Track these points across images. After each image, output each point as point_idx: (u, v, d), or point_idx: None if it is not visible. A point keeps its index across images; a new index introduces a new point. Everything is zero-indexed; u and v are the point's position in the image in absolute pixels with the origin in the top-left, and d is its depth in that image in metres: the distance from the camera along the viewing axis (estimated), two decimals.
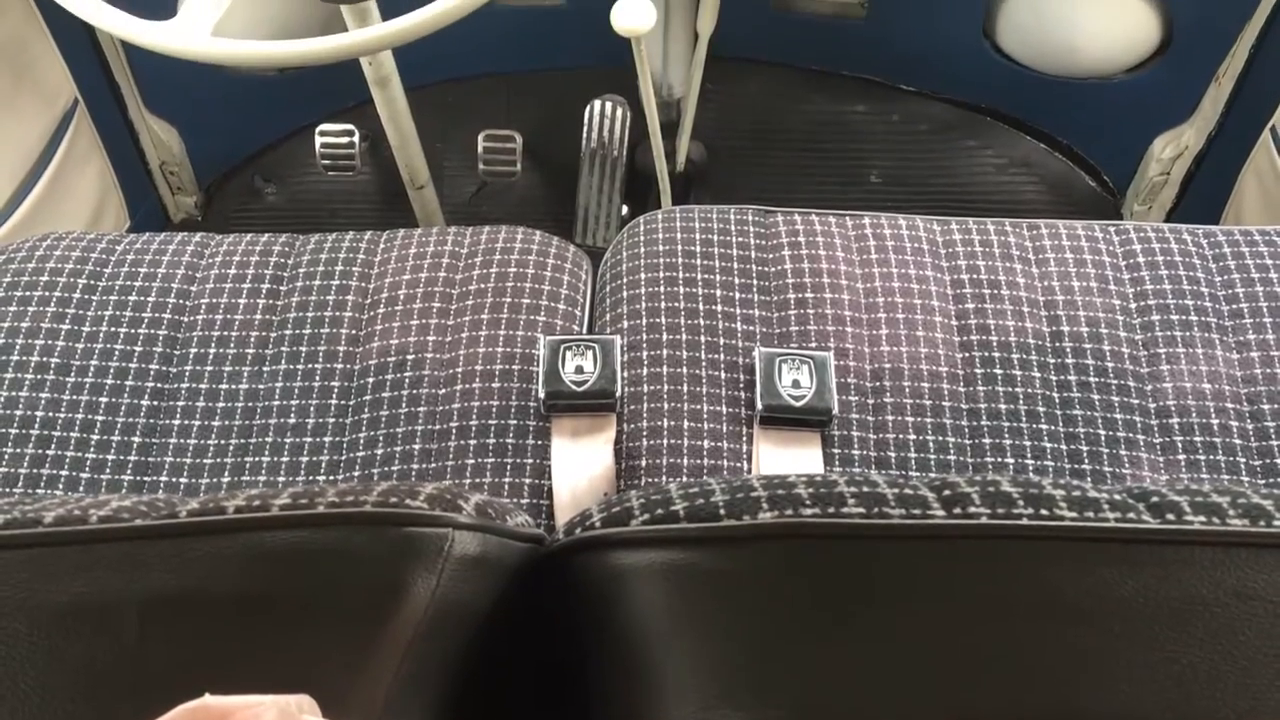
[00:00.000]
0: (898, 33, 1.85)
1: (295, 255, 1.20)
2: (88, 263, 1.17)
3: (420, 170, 1.61)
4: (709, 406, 1.05)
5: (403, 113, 1.50)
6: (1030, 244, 1.18)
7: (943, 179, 1.96)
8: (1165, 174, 1.87)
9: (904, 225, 1.19)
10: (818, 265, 1.14)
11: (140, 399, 1.08)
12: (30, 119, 1.57)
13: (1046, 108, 1.92)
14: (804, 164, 1.98)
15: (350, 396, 1.09)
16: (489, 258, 1.17)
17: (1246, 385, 1.06)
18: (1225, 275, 1.14)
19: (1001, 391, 1.06)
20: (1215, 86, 1.75)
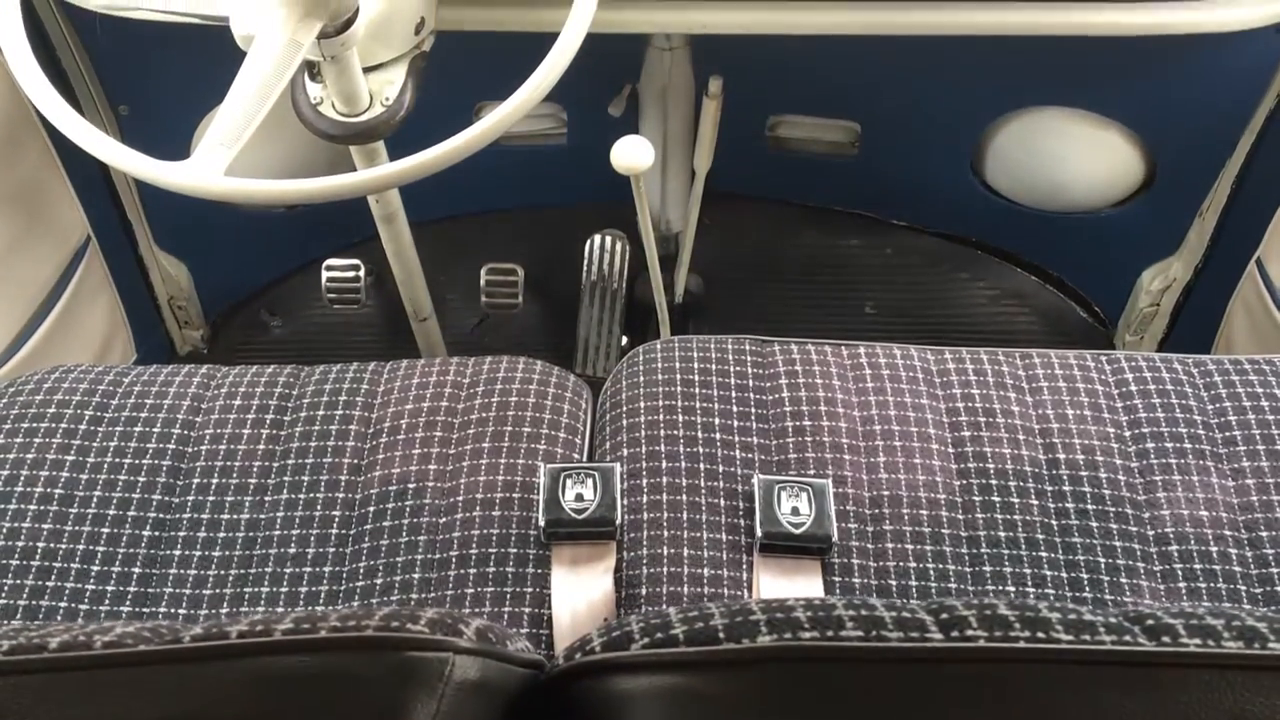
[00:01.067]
0: (889, 169, 1.90)
1: (299, 386, 1.21)
2: (94, 394, 1.19)
3: (424, 303, 1.65)
4: (709, 534, 1.05)
5: (408, 247, 1.54)
6: (1024, 373, 1.19)
7: (936, 310, 2.00)
8: (1155, 305, 1.90)
9: (899, 355, 1.21)
10: (815, 394, 1.16)
11: (142, 529, 1.09)
12: (43, 256, 1.61)
13: (1036, 241, 1.96)
14: (800, 295, 2.02)
15: (351, 526, 1.09)
16: (490, 387, 1.19)
17: (1244, 512, 1.07)
18: (1217, 404, 1.16)
19: (1000, 519, 1.06)
20: (1200, 221, 1.79)
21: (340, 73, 1.18)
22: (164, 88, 1.63)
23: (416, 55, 1.30)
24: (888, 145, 1.86)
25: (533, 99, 1.04)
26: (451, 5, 1.38)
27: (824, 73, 1.72)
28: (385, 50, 1.26)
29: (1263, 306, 1.63)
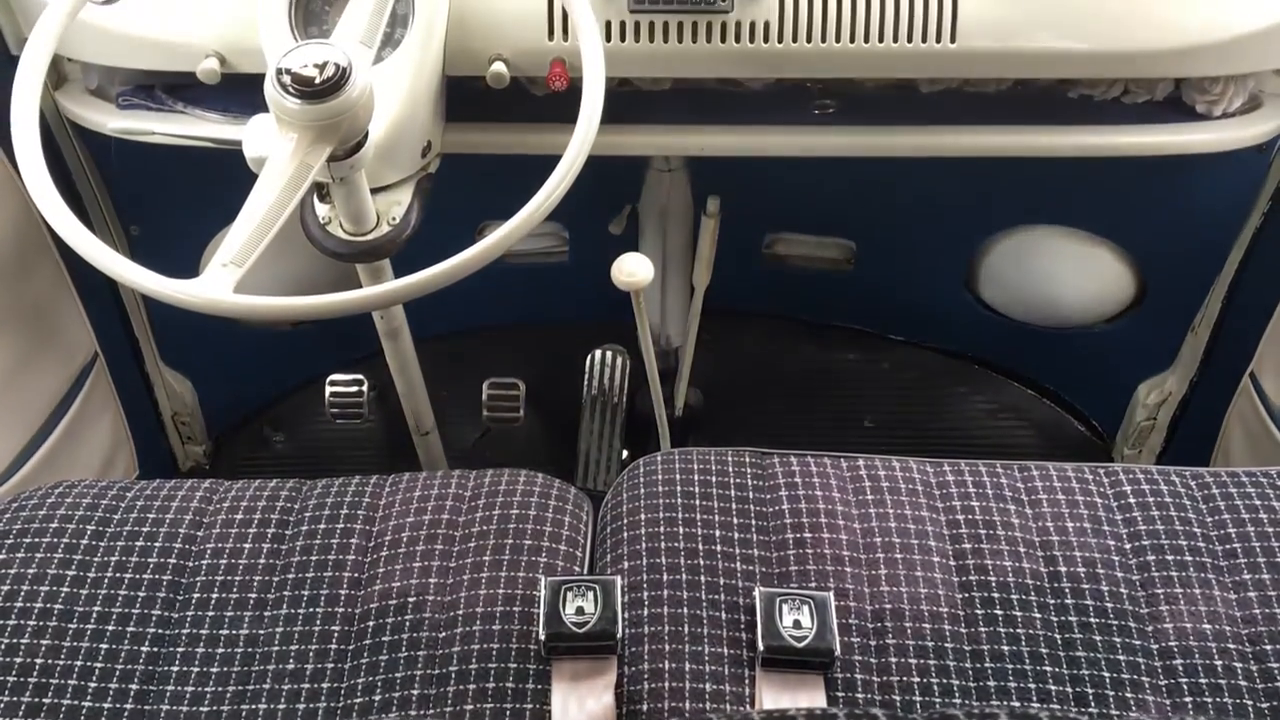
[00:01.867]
0: (885, 286, 1.94)
1: (300, 500, 1.22)
2: (96, 509, 1.19)
3: (426, 417, 1.66)
4: (711, 648, 1.05)
5: (411, 362, 1.55)
6: (1023, 485, 1.20)
7: (935, 423, 2.01)
8: (1152, 419, 1.92)
9: (898, 467, 1.22)
10: (815, 506, 1.16)
11: (140, 645, 1.08)
12: (49, 373, 1.63)
13: (1031, 356, 1.99)
14: (799, 409, 2.03)
15: (350, 641, 1.08)
16: (491, 500, 1.19)
17: (1247, 626, 1.06)
18: (1216, 516, 1.16)
19: (1003, 633, 1.06)
20: (1193, 335, 1.82)
21: (348, 194, 1.21)
22: (174, 209, 1.67)
23: (423, 177, 1.34)
24: (883, 262, 1.90)
25: (534, 219, 1.07)
26: (457, 129, 1.42)
27: (819, 192, 1.77)
28: (392, 172, 1.30)
29: (1258, 419, 1.64)
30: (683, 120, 1.50)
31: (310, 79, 1.04)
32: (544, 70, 1.38)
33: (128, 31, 1.39)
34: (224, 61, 1.38)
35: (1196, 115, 1.50)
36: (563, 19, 1.35)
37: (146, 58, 1.42)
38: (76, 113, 1.51)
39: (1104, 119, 1.50)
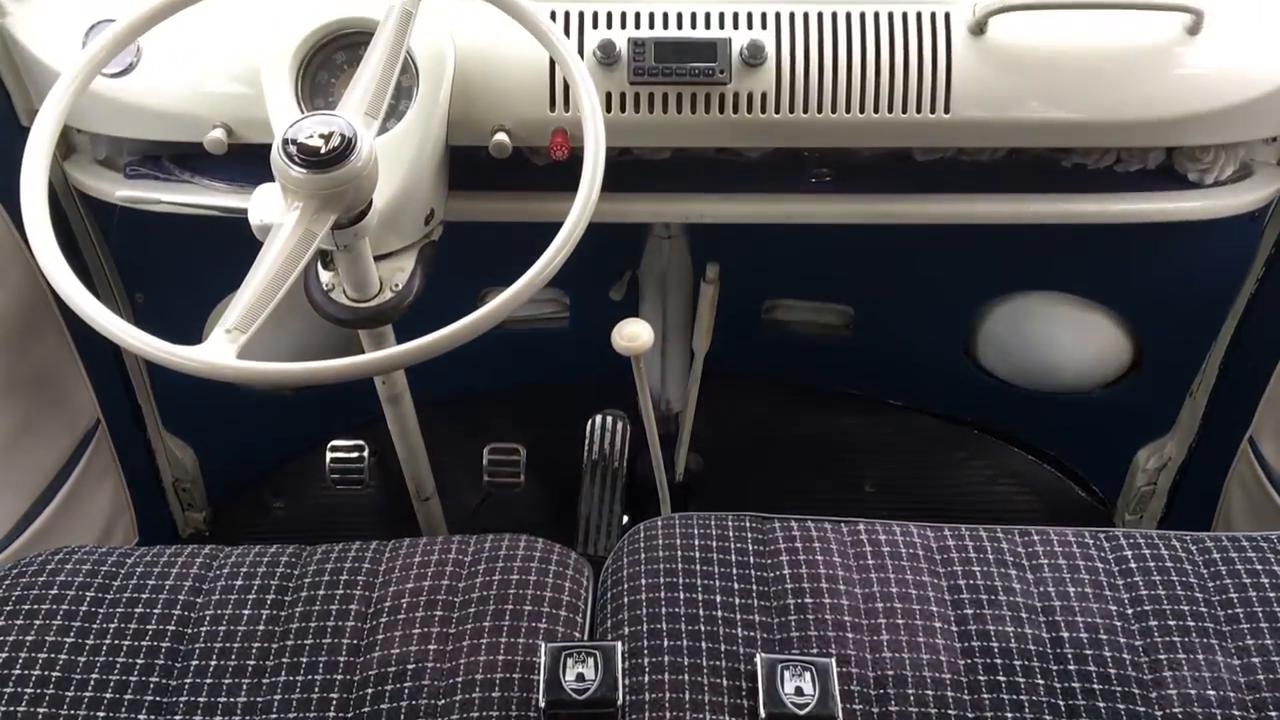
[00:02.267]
0: (883, 351, 1.95)
1: (300, 566, 1.22)
2: (96, 576, 1.19)
3: (426, 482, 1.66)
4: (712, 715, 1.04)
5: (412, 427, 1.56)
6: (1024, 550, 1.20)
7: (935, 488, 2.01)
8: (1152, 484, 1.92)
9: (899, 532, 1.22)
10: (816, 571, 1.16)
11: (138, 713, 1.07)
12: (52, 440, 1.63)
13: (1030, 421, 1.99)
14: (799, 473, 2.03)
15: (349, 709, 1.08)
16: (491, 565, 1.19)
17: (1251, 691, 1.06)
18: (1218, 581, 1.16)
19: (1007, 699, 1.05)
20: (1191, 400, 1.83)
21: (352, 261, 1.23)
22: (178, 276, 1.69)
23: (426, 244, 1.36)
24: (882, 328, 1.91)
25: (535, 285, 1.09)
26: (460, 197, 1.44)
27: (817, 258, 1.79)
28: (396, 239, 1.32)
29: (1258, 484, 1.64)
30: (682, 188, 1.52)
31: (316, 149, 1.06)
32: (546, 140, 1.40)
33: (137, 103, 1.42)
34: (231, 132, 1.40)
35: (1189, 183, 1.52)
36: (564, 90, 1.38)
37: (155, 128, 1.45)
38: (84, 182, 1.53)
39: (1098, 187, 1.52)
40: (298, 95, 1.34)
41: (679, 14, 1.40)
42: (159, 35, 1.25)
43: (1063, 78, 1.40)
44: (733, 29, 1.40)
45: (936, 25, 1.39)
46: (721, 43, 1.38)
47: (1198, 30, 1.40)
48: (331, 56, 1.37)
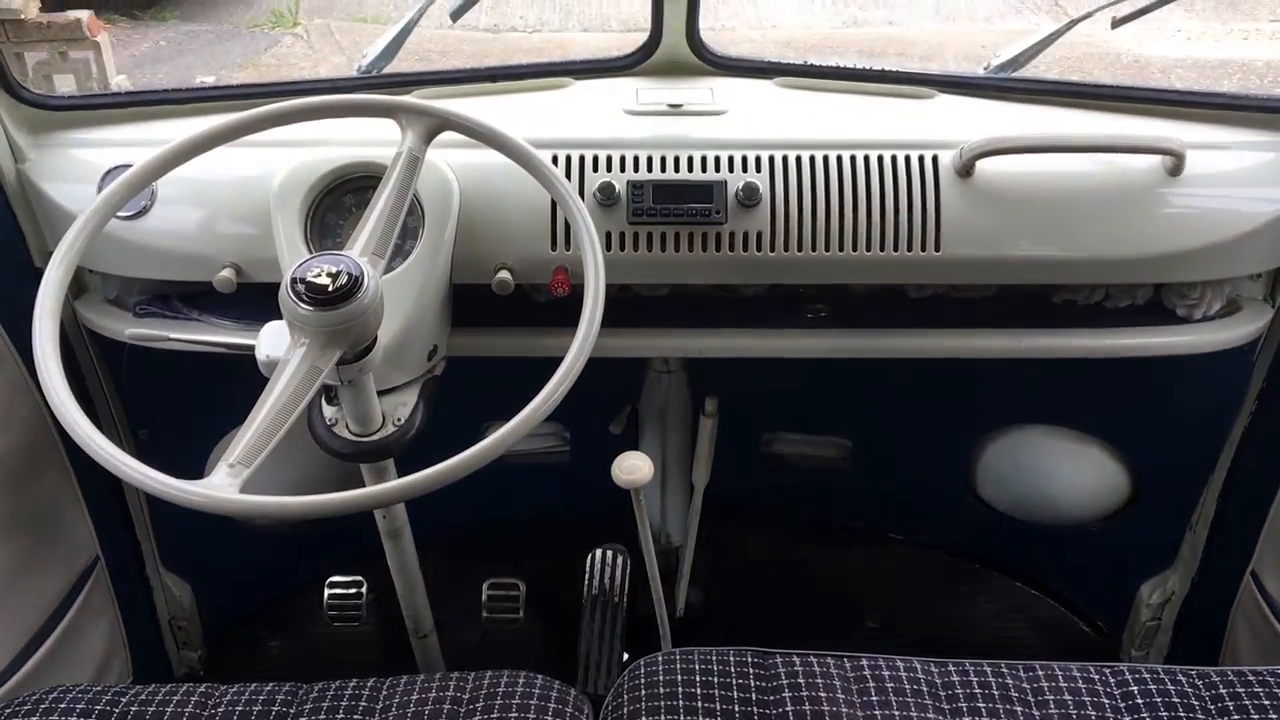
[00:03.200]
0: (883, 485, 1.95)
1: (297, 705, 1.20)
2: (90, 715, 1.18)
3: (424, 619, 1.64)
4: None
5: (411, 563, 1.55)
6: (1029, 686, 1.19)
7: (938, 623, 1.99)
8: (1157, 620, 1.90)
9: (903, 668, 1.21)
10: (819, 708, 1.15)
11: None
12: (50, 576, 1.62)
13: (1032, 554, 1.98)
14: (801, 607, 2.01)
15: None
16: (490, 703, 1.18)
17: None
18: (1226, 716, 1.14)
19: None
20: (1191, 534, 1.82)
21: (356, 395, 1.24)
22: (182, 413, 1.71)
23: (429, 379, 1.38)
24: (880, 461, 1.92)
25: (535, 420, 1.10)
26: (462, 333, 1.47)
27: (814, 392, 1.81)
28: (399, 374, 1.34)
29: (1263, 618, 1.63)
30: (680, 324, 1.55)
31: (323, 287, 1.09)
32: (547, 277, 1.44)
33: (149, 244, 1.46)
34: (240, 272, 1.44)
35: (1177, 319, 1.55)
36: (565, 230, 1.42)
37: (166, 269, 1.49)
38: (94, 321, 1.56)
39: (1088, 322, 1.55)
40: (307, 236, 1.38)
41: (675, 158, 1.45)
42: (172, 177, 1.29)
43: (1049, 216, 1.45)
44: (728, 172, 1.45)
45: (925, 167, 1.44)
46: (717, 185, 1.43)
47: (1179, 171, 1.45)
48: (341, 199, 1.41)
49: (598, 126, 1.51)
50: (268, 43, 5.28)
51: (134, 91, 2.23)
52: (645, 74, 1.62)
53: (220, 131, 1.25)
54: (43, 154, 1.51)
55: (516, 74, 1.63)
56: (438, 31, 4.92)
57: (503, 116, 1.31)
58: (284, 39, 5.31)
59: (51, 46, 4.04)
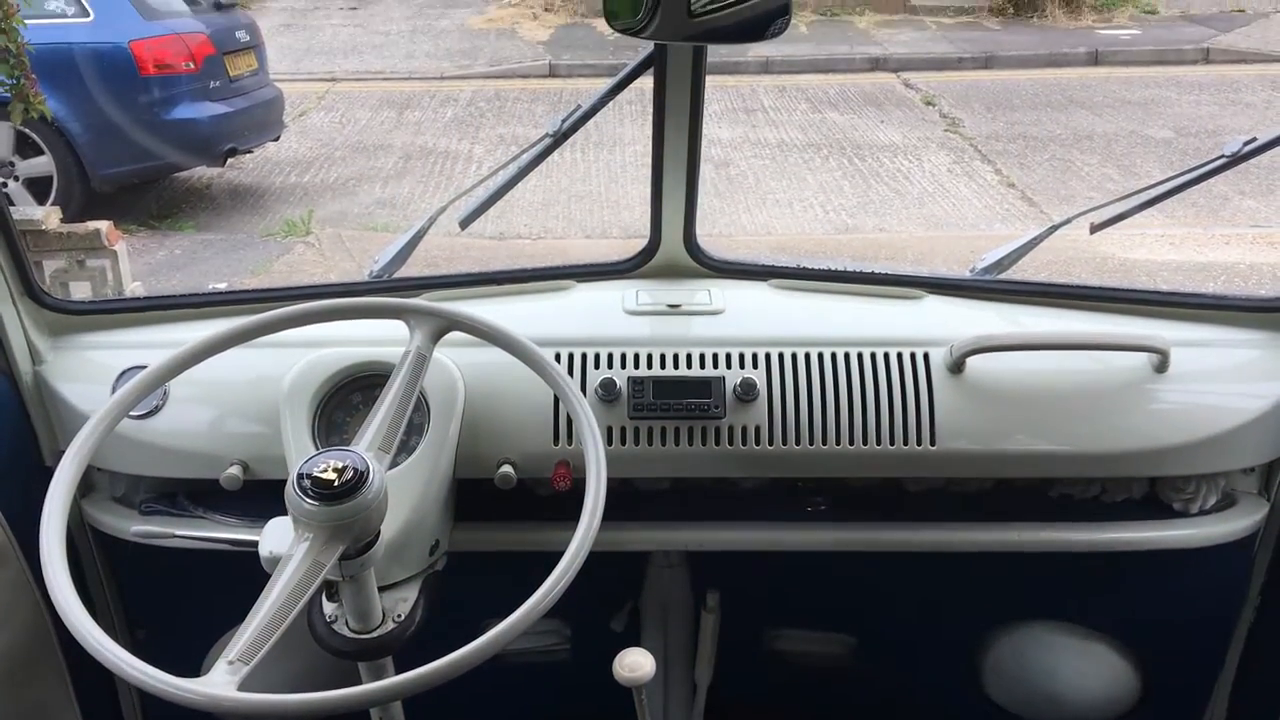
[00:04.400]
0: (887, 680, 1.91)
1: None
2: None
3: None
4: None
5: None
6: None
7: None
8: None
9: None
10: None
11: None
12: None
13: None
14: None
15: None
16: None
17: None
18: None
19: None
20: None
21: (357, 591, 1.24)
22: (182, 611, 1.69)
23: (430, 574, 1.38)
24: (885, 658, 1.89)
25: (533, 616, 1.09)
26: (464, 528, 1.48)
27: (816, 586, 1.80)
28: (400, 570, 1.34)
29: None
30: (681, 517, 1.56)
31: (329, 482, 1.11)
32: (549, 472, 1.46)
33: (159, 443, 1.49)
34: (247, 469, 1.46)
35: (1174, 512, 1.56)
36: (567, 425, 1.45)
37: (174, 467, 1.51)
38: (100, 519, 1.57)
39: (1086, 517, 1.56)
40: (314, 433, 1.41)
41: (675, 355, 1.50)
42: (185, 377, 1.32)
43: (1040, 412, 1.48)
44: (726, 368, 1.49)
45: (916, 364, 1.48)
46: (715, 380, 1.47)
47: (1164, 368, 1.49)
48: (349, 397, 1.45)
49: (599, 325, 1.56)
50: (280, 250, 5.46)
51: (150, 296, 2.31)
52: (645, 276, 1.68)
53: (234, 334, 1.30)
54: (60, 356, 1.56)
55: (521, 277, 1.69)
56: (446, 239, 5.10)
57: (508, 317, 1.35)
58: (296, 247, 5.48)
59: (70, 255, 4.17)
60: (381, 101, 8.46)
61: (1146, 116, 7.77)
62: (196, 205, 6.33)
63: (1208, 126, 7.42)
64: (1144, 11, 10.61)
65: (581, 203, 6.22)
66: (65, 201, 5.43)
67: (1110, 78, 8.90)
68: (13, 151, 5.54)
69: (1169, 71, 9.02)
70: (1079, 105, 8.11)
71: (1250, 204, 6.01)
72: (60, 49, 5.28)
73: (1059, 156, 6.92)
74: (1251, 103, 8.10)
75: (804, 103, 8.35)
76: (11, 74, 3.81)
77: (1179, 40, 9.64)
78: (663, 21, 1.25)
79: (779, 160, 6.98)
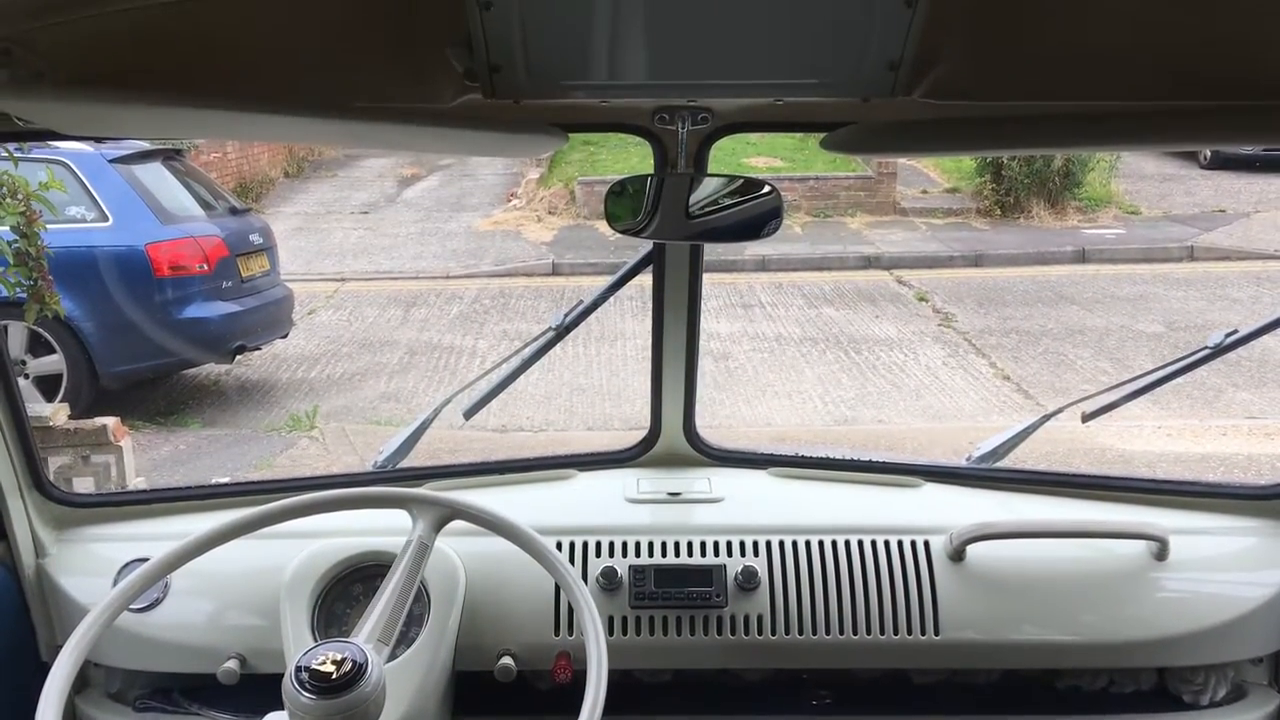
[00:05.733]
0: None
1: None
2: None
3: None
4: None
5: None
6: None
7: None
8: None
9: None
10: None
11: None
12: None
13: None
14: None
15: None
16: None
17: None
18: None
19: None
20: None
21: None
22: None
23: None
24: None
25: None
26: None
27: None
28: None
29: None
30: (684, 710, 1.53)
31: (327, 675, 1.10)
32: (549, 664, 1.44)
33: (158, 637, 1.48)
34: (244, 663, 1.44)
35: (1184, 704, 1.53)
36: (568, 615, 1.44)
37: (172, 661, 1.49)
38: (93, 716, 1.54)
39: (1095, 708, 1.53)
40: (313, 625, 1.40)
41: (675, 543, 1.50)
42: (186, 570, 1.32)
43: (1042, 600, 1.47)
44: (726, 556, 1.49)
45: (917, 552, 1.49)
46: (717, 569, 1.47)
47: (1164, 556, 1.49)
48: (350, 587, 1.45)
49: (600, 514, 1.57)
50: (283, 445, 5.50)
51: (154, 489, 2.33)
52: (646, 465, 1.70)
53: (237, 525, 1.30)
54: (63, 549, 1.56)
55: (523, 466, 1.72)
56: (448, 432, 5.15)
57: (510, 505, 1.37)
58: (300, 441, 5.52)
59: (75, 451, 4.20)
60: (389, 300, 8.67)
61: (1136, 311, 7.94)
62: (203, 401, 6.41)
63: (1197, 321, 7.57)
64: (1127, 211, 10.97)
65: (583, 395, 6.29)
66: (73, 398, 5.51)
67: (1098, 274, 9.14)
68: (25, 350, 5.65)
69: (1156, 268, 9.26)
70: (1069, 301, 8.30)
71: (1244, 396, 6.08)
72: (77, 251, 5.45)
73: (1052, 350, 7.03)
74: (1239, 298, 8.29)
75: (800, 298, 8.56)
76: (29, 275, 3.93)
77: (1164, 238, 9.95)
78: (662, 223, 1.32)
79: (777, 353, 7.10)
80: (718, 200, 1.32)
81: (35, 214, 3.87)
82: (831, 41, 1.10)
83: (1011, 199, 10.96)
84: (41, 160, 4.32)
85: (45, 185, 3.81)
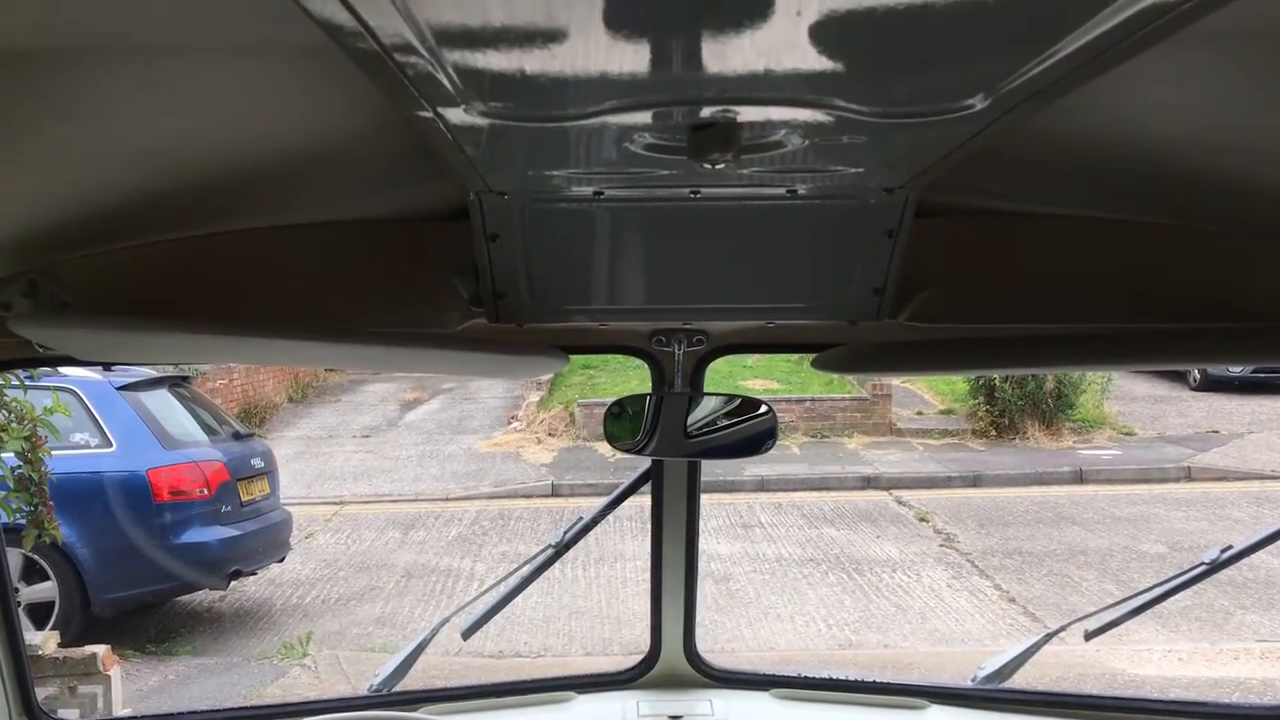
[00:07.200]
0: None
1: None
2: None
3: None
4: None
5: None
6: None
7: None
8: None
9: None
10: None
11: None
12: None
13: None
14: None
15: None
16: None
17: None
18: None
19: None
20: None
21: None
22: None
23: None
24: None
25: None
26: None
27: None
28: None
29: None
30: None
31: None
32: None
33: None
34: None
35: None
36: None
37: None
38: None
39: None
40: None
41: None
42: None
43: None
44: None
45: None
46: None
47: None
48: None
49: None
50: (275, 674, 5.36)
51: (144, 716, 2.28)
52: (645, 686, 1.68)
53: None
54: None
55: (521, 689, 1.69)
56: (444, 658, 5.04)
57: None
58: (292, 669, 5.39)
59: (63, 681, 4.11)
60: (388, 522, 8.63)
61: (1137, 532, 7.90)
62: (195, 628, 6.29)
63: (1199, 541, 7.52)
64: (1122, 432, 11.07)
65: (581, 619, 6.19)
66: (64, 626, 5.41)
67: (1097, 495, 9.14)
68: (19, 578, 5.59)
69: (1154, 489, 9.26)
70: (1070, 521, 8.27)
71: (1253, 618, 5.98)
72: (79, 476, 5.48)
73: (1056, 571, 6.96)
74: (1239, 518, 8.27)
75: (800, 518, 8.53)
76: (30, 501, 3.94)
77: (1160, 459, 9.99)
78: (661, 441, 1.35)
79: (778, 575, 7.02)
80: (715, 419, 1.37)
81: (40, 439, 3.92)
82: (818, 269, 1.17)
83: (1006, 420, 11.08)
84: (49, 388, 4.42)
85: (50, 410, 3.88)
